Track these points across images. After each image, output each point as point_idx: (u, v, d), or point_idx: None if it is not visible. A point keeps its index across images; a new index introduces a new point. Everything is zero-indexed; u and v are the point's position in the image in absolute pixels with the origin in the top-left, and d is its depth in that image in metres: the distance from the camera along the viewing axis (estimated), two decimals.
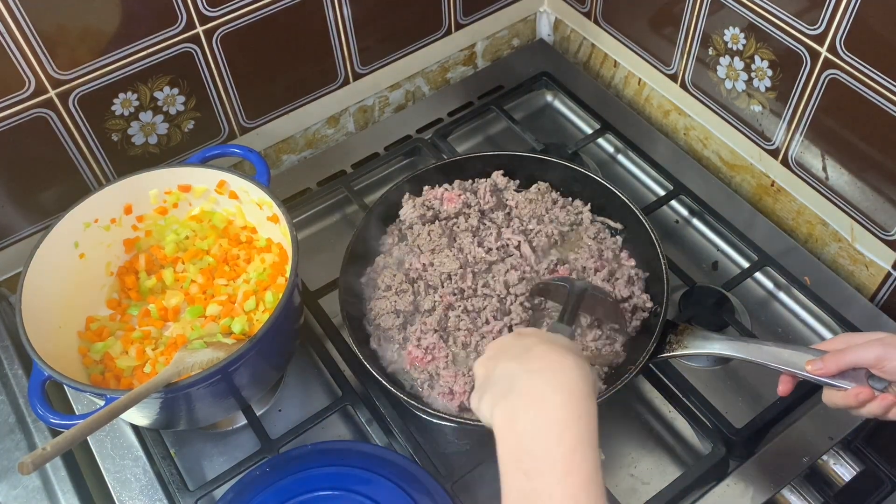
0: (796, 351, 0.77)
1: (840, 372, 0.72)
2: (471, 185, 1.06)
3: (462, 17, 1.25)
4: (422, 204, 1.03)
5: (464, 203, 1.03)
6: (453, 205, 1.02)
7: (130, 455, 0.93)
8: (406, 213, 1.03)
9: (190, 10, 0.97)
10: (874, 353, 0.70)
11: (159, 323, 0.95)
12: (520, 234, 1.00)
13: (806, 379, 0.76)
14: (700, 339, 0.86)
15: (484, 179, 1.06)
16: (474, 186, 1.05)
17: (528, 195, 1.04)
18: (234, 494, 0.84)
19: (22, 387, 0.98)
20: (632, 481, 0.90)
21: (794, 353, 0.77)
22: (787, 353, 0.77)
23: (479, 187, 1.05)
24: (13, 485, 0.90)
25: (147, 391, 0.77)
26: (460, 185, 1.05)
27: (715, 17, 1.04)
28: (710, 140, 1.18)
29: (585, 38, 1.31)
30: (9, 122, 0.93)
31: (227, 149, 1.00)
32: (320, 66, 1.15)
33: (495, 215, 1.03)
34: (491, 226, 1.02)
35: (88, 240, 0.94)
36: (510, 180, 1.06)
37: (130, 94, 1.00)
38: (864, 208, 0.99)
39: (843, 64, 0.91)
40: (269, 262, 0.96)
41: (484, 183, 1.05)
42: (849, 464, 0.91)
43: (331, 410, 0.93)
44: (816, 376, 0.74)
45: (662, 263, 0.94)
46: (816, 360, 0.74)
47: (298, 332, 0.95)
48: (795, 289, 1.01)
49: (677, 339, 0.88)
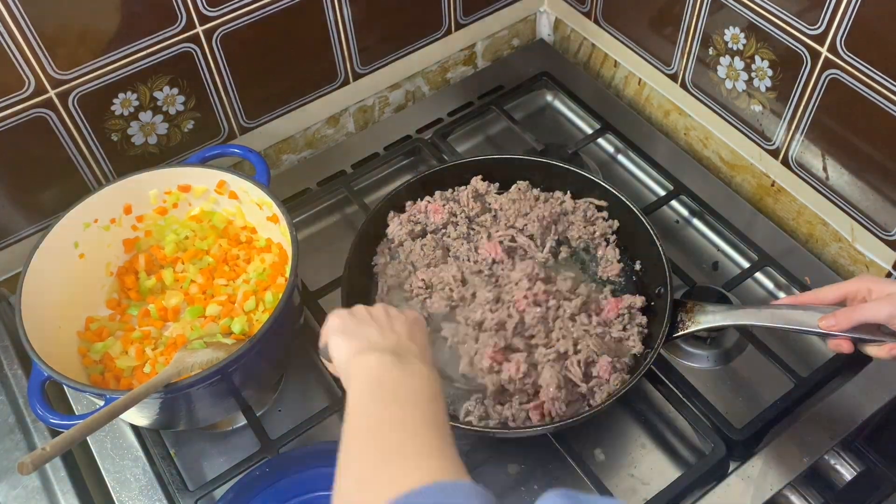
0: (807, 311, 0.78)
1: (852, 328, 0.75)
2: (452, 195, 1.06)
3: (462, 17, 1.25)
4: (408, 220, 1.03)
5: (449, 213, 1.03)
6: (440, 216, 1.03)
7: (130, 455, 0.93)
8: (393, 230, 1.03)
9: (190, 10, 0.97)
10: (886, 311, 0.73)
11: (159, 323, 0.95)
12: (510, 229, 1.01)
13: (817, 335, 0.78)
14: (710, 313, 0.87)
15: (464, 187, 1.06)
16: (455, 195, 1.05)
17: (510, 196, 1.05)
18: (233, 494, 0.84)
19: (22, 387, 0.98)
20: (632, 481, 0.90)
21: (805, 312, 0.79)
22: (799, 314, 0.79)
23: (461, 195, 1.05)
24: (13, 485, 0.90)
25: (147, 391, 0.77)
26: (442, 196, 1.05)
27: (715, 16, 1.04)
28: (710, 140, 1.18)
29: (585, 38, 1.31)
30: (9, 122, 0.93)
31: (227, 149, 1.00)
32: (320, 66, 1.15)
33: (483, 219, 1.03)
34: (480, 230, 1.02)
35: (88, 240, 0.94)
36: (490, 184, 1.06)
37: (130, 94, 1.00)
38: (865, 208, 0.99)
39: (844, 64, 0.91)
40: (268, 262, 0.96)
41: (465, 190, 1.05)
42: (849, 464, 0.91)
43: (331, 410, 0.93)
44: (830, 332, 0.76)
45: (664, 263, 0.94)
46: (828, 316, 0.76)
47: (298, 332, 0.95)
48: (796, 289, 1.01)
49: (688, 317, 0.88)
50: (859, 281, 0.77)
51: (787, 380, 0.92)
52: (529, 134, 1.18)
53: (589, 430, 0.93)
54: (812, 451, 0.89)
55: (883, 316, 0.74)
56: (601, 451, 0.92)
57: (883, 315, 0.74)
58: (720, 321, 0.86)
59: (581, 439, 0.92)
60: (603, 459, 0.91)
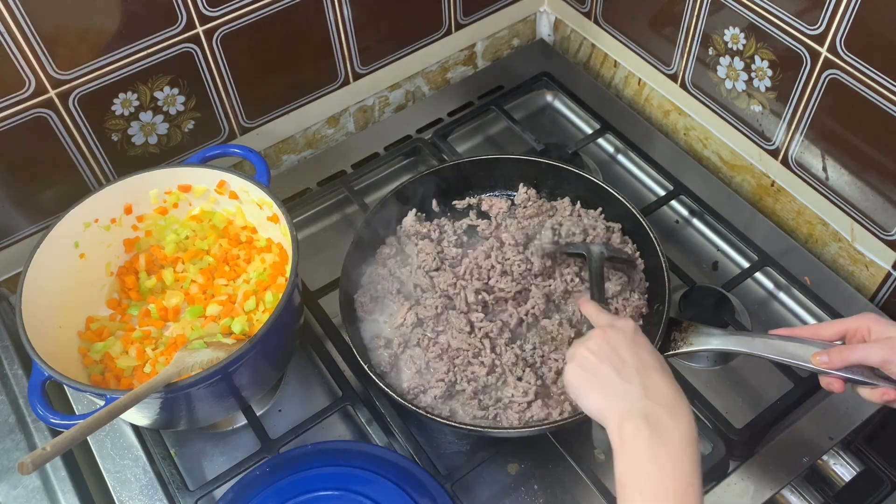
0: (801, 344, 0.77)
1: (845, 368, 0.74)
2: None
3: (462, 17, 1.25)
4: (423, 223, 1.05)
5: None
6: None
7: (130, 455, 0.93)
8: (408, 222, 1.04)
9: (190, 10, 0.97)
10: (880, 356, 0.71)
11: (159, 323, 0.95)
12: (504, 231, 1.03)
13: (810, 371, 0.77)
14: (704, 335, 0.86)
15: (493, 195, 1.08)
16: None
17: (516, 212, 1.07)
18: (234, 494, 0.84)
19: (22, 387, 0.98)
20: None
21: (799, 345, 0.77)
22: (793, 347, 0.77)
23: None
24: (13, 485, 0.91)
25: (147, 391, 0.77)
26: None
27: (715, 17, 1.04)
28: (710, 140, 1.18)
29: (585, 39, 1.31)
30: (9, 122, 0.93)
31: (228, 149, 1.00)
32: (320, 66, 1.15)
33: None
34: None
35: (88, 240, 0.94)
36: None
37: (130, 94, 1.00)
38: (864, 208, 0.99)
39: (843, 64, 0.91)
40: (269, 262, 0.96)
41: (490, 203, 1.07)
42: (849, 464, 0.91)
43: (331, 410, 0.93)
44: (822, 369, 0.75)
45: (663, 263, 0.94)
46: (822, 353, 0.75)
47: (298, 332, 0.95)
48: (795, 289, 1.01)
49: (682, 337, 0.88)
50: (861, 319, 0.75)
51: (786, 380, 0.92)
52: (529, 134, 1.18)
53: (589, 430, 0.93)
54: (812, 451, 0.89)
55: (877, 360, 0.71)
56: (601, 451, 0.92)
57: (877, 359, 0.71)
58: (713, 345, 0.85)
59: (581, 439, 0.92)
60: (603, 459, 0.91)
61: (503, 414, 0.88)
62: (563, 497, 0.89)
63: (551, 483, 0.90)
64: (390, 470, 0.83)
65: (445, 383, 0.89)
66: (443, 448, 0.93)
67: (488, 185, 1.09)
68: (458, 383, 0.90)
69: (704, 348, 0.86)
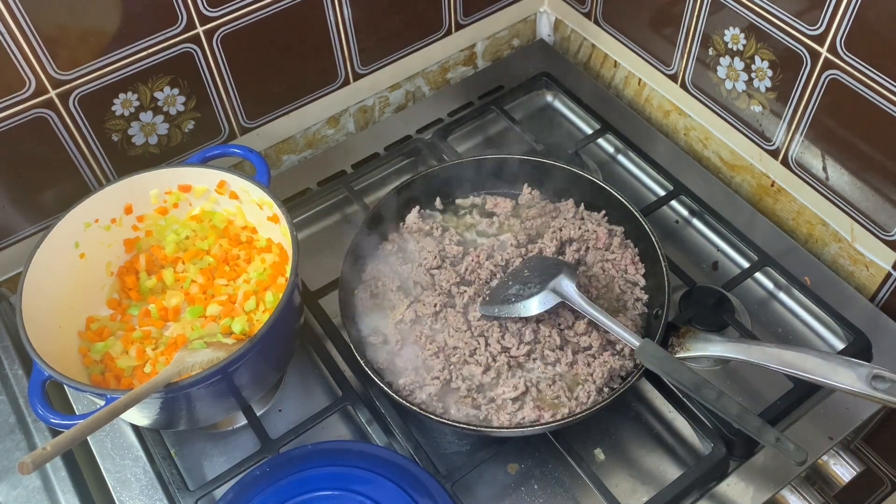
0: (799, 353, 0.76)
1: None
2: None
3: (462, 18, 1.25)
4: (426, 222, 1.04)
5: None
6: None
7: (130, 455, 0.93)
8: (411, 219, 1.04)
9: (190, 10, 0.97)
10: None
11: (159, 323, 0.95)
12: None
13: (809, 381, 0.76)
14: (702, 341, 0.86)
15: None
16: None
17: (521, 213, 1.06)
18: (234, 494, 0.84)
19: (22, 387, 0.98)
20: (632, 481, 0.90)
21: (796, 354, 0.77)
22: (790, 355, 0.77)
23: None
24: (13, 485, 0.91)
25: (147, 391, 0.77)
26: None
27: (715, 17, 1.04)
28: (710, 140, 1.18)
29: (585, 39, 1.31)
30: (9, 122, 0.93)
31: (228, 149, 1.00)
32: (320, 66, 1.15)
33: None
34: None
35: (89, 240, 0.94)
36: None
37: (131, 95, 1.00)
38: (864, 208, 0.99)
39: (843, 64, 0.91)
40: (269, 262, 0.96)
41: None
42: (849, 464, 0.91)
43: (331, 410, 0.93)
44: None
45: (663, 264, 0.94)
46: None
47: (298, 332, 0.95)
48: (795, 289, 1.01)
49: (679, 342, 0.88)
50: None
51: (786, 380, 0.92)
52: (529, 134, 1.19)
53: (589, 430, 0.93)
54: (812, 452, 0.89)
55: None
56: (601, 451, 0.92)
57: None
58: (710, 351, 0.85)
59: (581, 439, 0.92)
60: (603, 459, 0.91)
61: (495, 414, 0.88)
62: (563, 497, 0.89)
63: (551, 483, 0.90)
64: (390, 470, 0.83)
65: (440, 381, 0.89)
66: (443, 448, 0.93)
67: (491, 184, 1.09)
68: (452, 381, 0.90)
69: (702, 354, 0.86)
